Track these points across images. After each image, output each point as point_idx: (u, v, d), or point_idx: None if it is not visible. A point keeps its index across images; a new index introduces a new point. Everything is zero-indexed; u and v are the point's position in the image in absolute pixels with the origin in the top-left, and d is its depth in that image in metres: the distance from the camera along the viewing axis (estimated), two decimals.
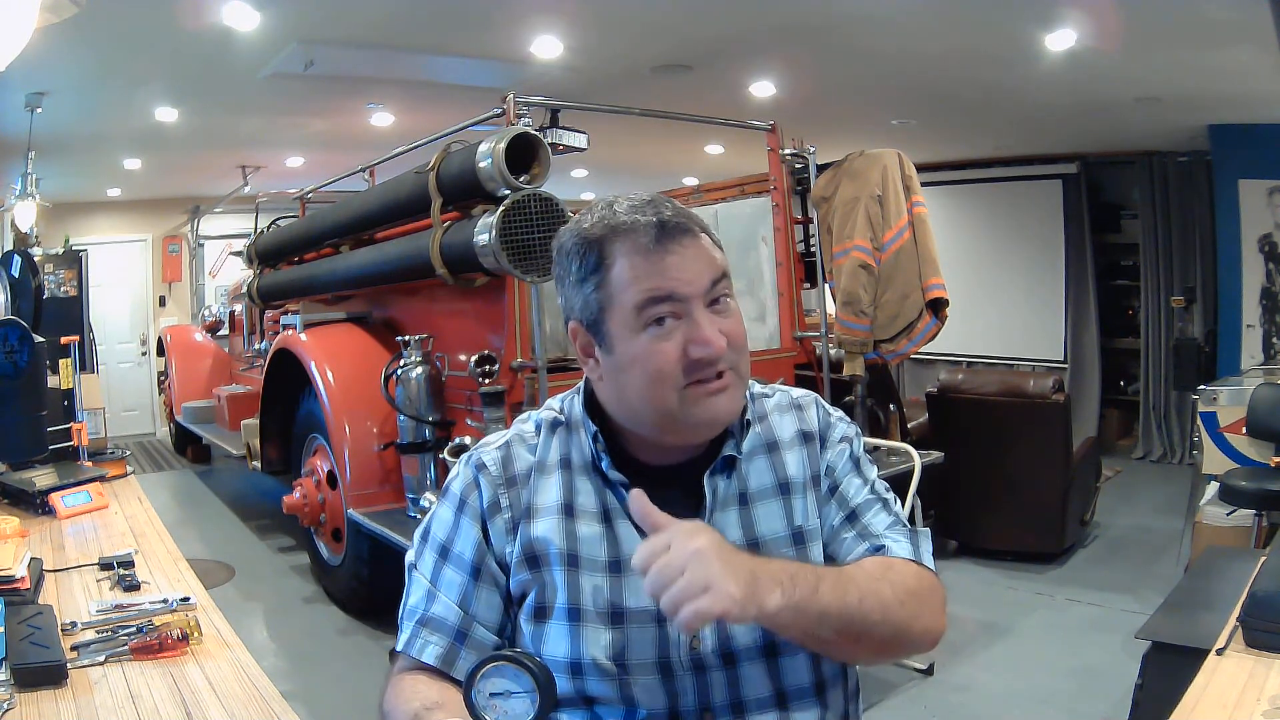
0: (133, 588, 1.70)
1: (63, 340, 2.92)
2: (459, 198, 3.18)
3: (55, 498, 2.27)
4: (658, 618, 0.98)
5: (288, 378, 4.32)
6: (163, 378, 7.84)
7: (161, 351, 7.62)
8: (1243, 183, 5.82)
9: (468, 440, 3.17)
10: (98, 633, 1.48)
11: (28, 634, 1.39)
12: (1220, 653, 1.39)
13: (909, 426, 4.59)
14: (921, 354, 6.15)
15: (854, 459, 1.08)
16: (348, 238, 4.27)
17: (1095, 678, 3.17)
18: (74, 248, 7.06)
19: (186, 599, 1.63)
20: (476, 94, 4.32)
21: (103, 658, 1.39)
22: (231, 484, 6.69)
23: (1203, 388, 4.21)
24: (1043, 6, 3.69)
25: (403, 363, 3.52)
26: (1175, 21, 3.71)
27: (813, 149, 3.98)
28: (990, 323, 7.37)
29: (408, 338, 3.54)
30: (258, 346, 5.76)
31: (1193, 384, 5.00)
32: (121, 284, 9.02)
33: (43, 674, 1.30)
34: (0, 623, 1.40)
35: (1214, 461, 3.97)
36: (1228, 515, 3.76)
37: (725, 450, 1.03)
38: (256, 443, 4.85)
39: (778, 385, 1.14)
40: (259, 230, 5.68)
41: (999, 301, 7.40)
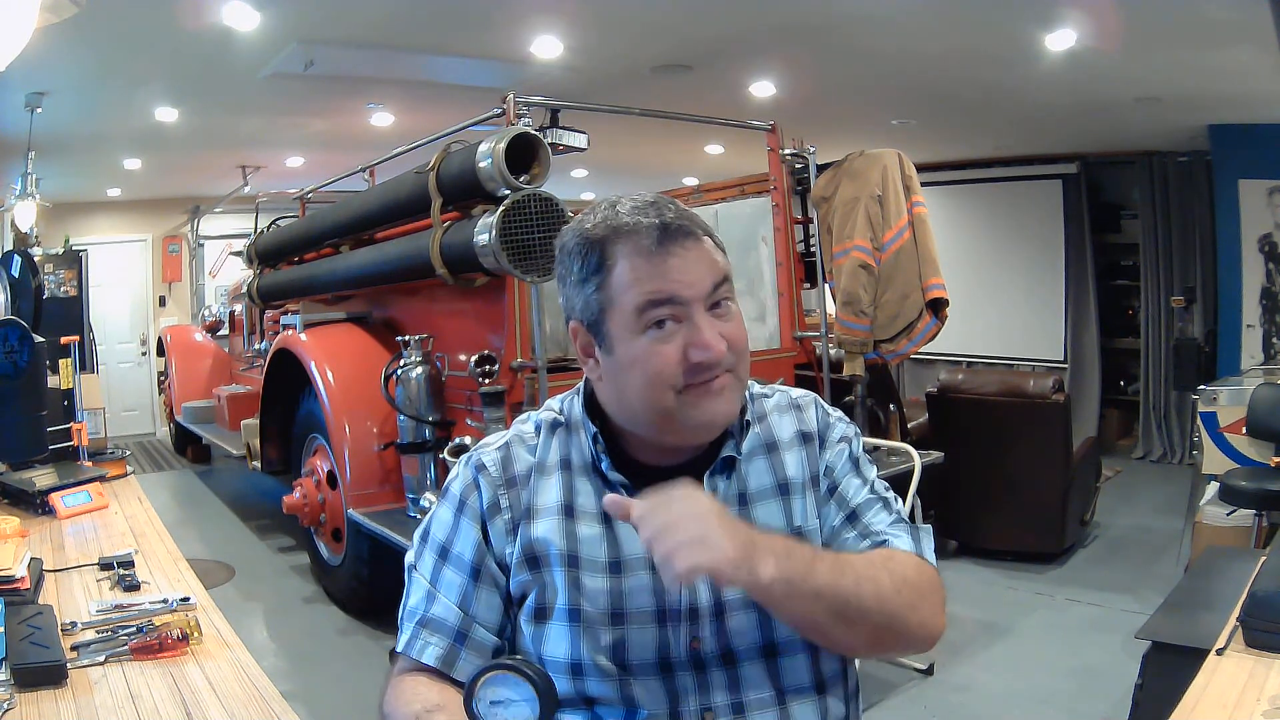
0: (133, 588, 1.70)
1: (63, 340, 2.92)
2: (459, 198, 3.18)
3: (55, 498, 2.27)
4: (658, 618, 0.98)
5: (288, 378, 4.32)
6: (163, 378, 7.84)
7: (161, 351, 7.62)
8: (1243, 183, 5.82)
9: (468, 440, 3.17)
10: (98, 633, 1.48)
11: (28, 634, 1.39)
12: (1220, 653, 1.39)
13: (909, 426, 4.59)
14: (921, 354, 6.15)
15: (853, 459, 1.08)
16: (348, 238, 4.27)
17: (1095, 678, 3.17)
18: (74, 248, 7.07)
19: (186, 599, 1.63)
20: (476, 94, 4.32)
21: (103, 658, 1.39)
22: (231, 484, 6.69)
23: (1203, 388, 4.20)
24: (1043, 6, 3.69)
25: (403, 363, 3.52)
26: (1175, 21, 3.71)
27: (813, 149, 3.98)
28: (990, 323, 7.37)
29: (408, 338, 3.54)
30: (258, 346, 5.76)
31: (1193, 384, 5.00)
32: (121, 284, 9.03)
33: (43, 674, 1.30)
34: (0, 623, 1.40)
35: (1214, 461, 3.97)
36: (1228, 515, 3.76)
37: (725, 451, 1.03)
38: (256, 443, 4.85)
39: (777, 385, 1.14)
40: (259, 230, 5.68)
41: (999, 301, 7.40)
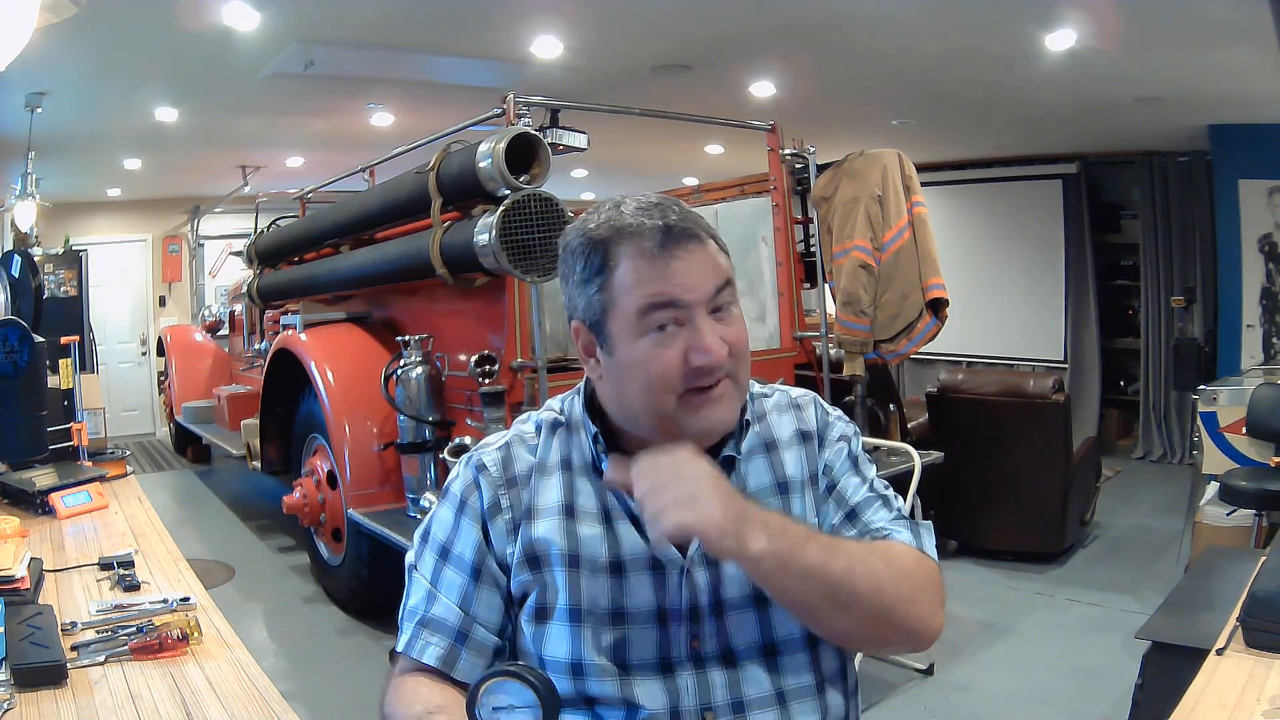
0: (133, 588, 1.70)
1: (63, 340, 2.92)
2: (459, 198, 3.18)
3: (55, 498, 2.27)
4: (658, 618, 0.98)
5: (288, 378, 4.32)
6: (163, 378, 7.84)
7: (161, 351, 7.62)
8: (1243, 183, 5.82)
9: (468, 440, 3.17)
10: (98, 633, 1.48)
11: (28, 634, 1.39)
12: (1220, 653, 1.39)
13: (909, 426, 4.59)
14: (921, 354, 6.14)
15: (852, 458, 1.07)
16: (348, 238, 4.27)
17: (1095, 678, 3.17)
18: (74, 248, 7.07)
19: (186, 599, 1.63)
20: (476, 94, 4.32)
21: (103, 658, 1.39)
22: (231, 484, 6.69)
23: (1203, 388, 4.20)
24: (1043, 6, 3.69)
25: (403, 363, 3.52)
26: (1175, 21, 3.71)
27: (813, 149, 3.97)
28: (990, 323, 7.37)
29: (408, 338, 3.54)
30: (258, 346, 5.76)
31: (1193, 384, 4.99)
32: (121, 284, 9.02)
33: (43, 674, 1.30)
34: (0, 623, 1.40)
35: (1214, 461, 3.97)
36: (1228, 515, 3.76)
37: (724, 451, 1.03)
38: (256, 443, 4.85)
39: (777, 385, 1.14)
40: (259, 230, 5.68)
41: (999, 301, 7.40)
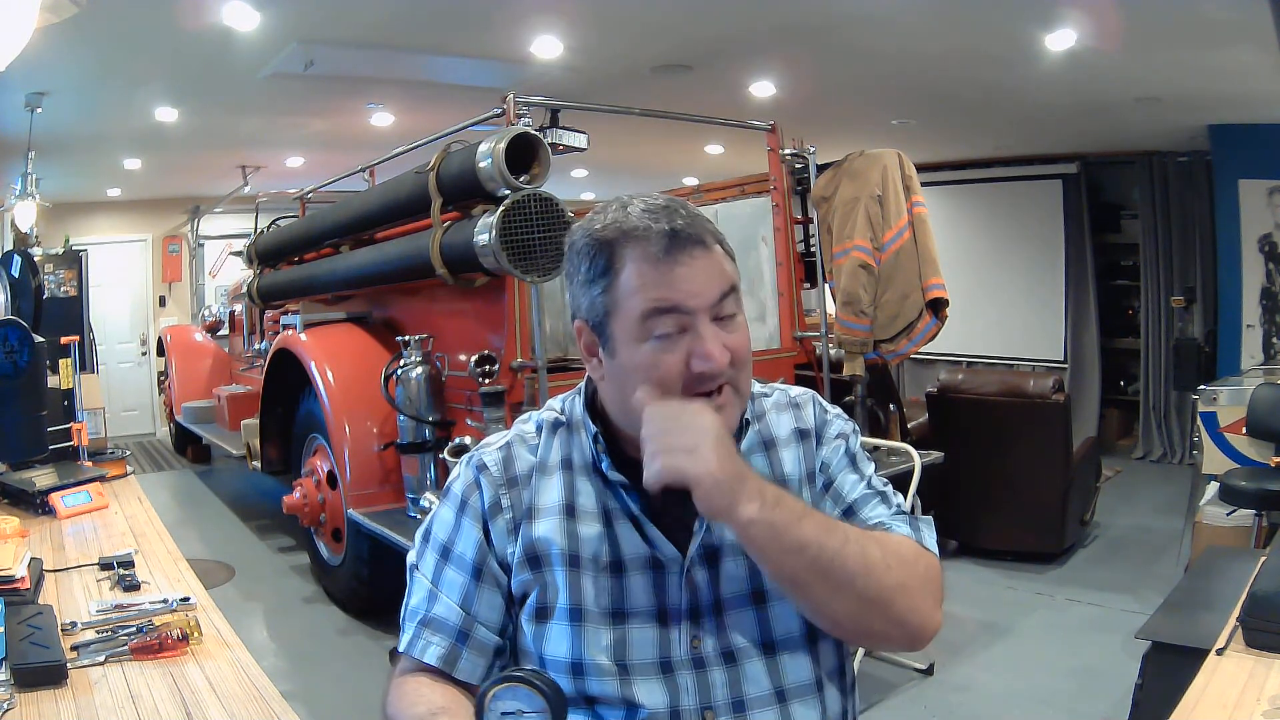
0: (133, 588, 1.70)
1: (63, 340, 2.92)
2: (459, 198, 3.18)
3: (55, 498, 2.27)
4: (658, 617, 0.98)
5: (288, 378, 4.32)
6: (163, 378, 7.84)
7: (161, 351, 7.62)
8: (1243, 183, 5.82)
9: (468, 440, 3.17)
10: (98, 633, 1.48)
11: (28, 634, 1.39)
12: (1220, 653, 1.39)
13: (909, 426, 4.59)
14: (921, 354, 6.15)
15: (850, 455, 1.07)
16: (348, 238, 4.26)
17: (1095, 678, 3.17)
18: (74, 248, 7.08)
19: (186, 599, 1.63)
20: (476, 94, 4.32)
21: (103, 658, 1.39)
22: (231, 484, 6.69)
23: (1203, 388, 4.20)
24: (1043, 6, 3.69)
25: (403, 363, 3.52)
26: (1175, 21, 3.71)
27: (813, 149, 3.97)
28: (990, 323, 7.37)
29: (408, 338, 3.54)
30: (258, 346, 5.76)
31: (1193, 384, 4.99)
32: (121, 284, 9.02)
33: (43, 674, 1.30)
34: (0, 623, 1.40)
35: (1214, 461, 3.97)
36: (1228, 515, 3.76)
37: None
38: (256, 443, 4.85)
39: (776, 384, 1.14)
40: (259, 230, 5.68)
41: (999, 301, 7.40)
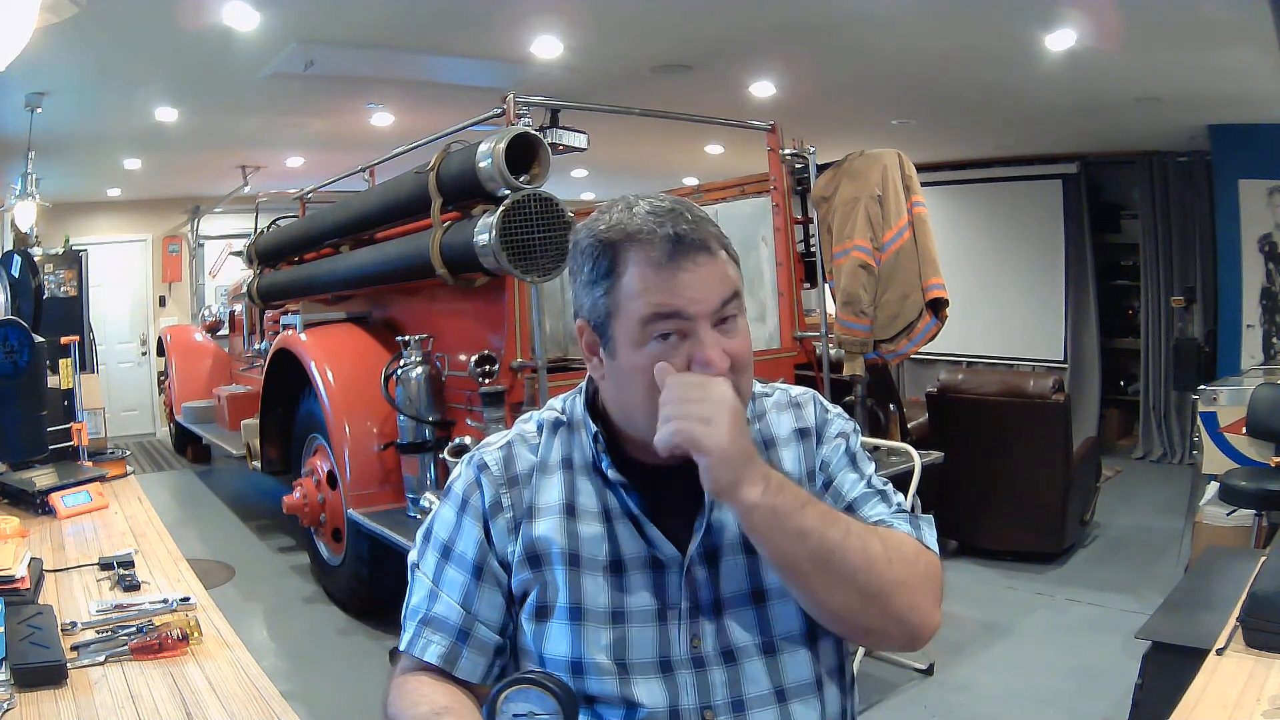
0: (133, 588, 1.70)
1: (63, 340, 2.92)
2: (459, 198, 3.18)
3: (55, 498, 2.27)
4: (658, 617, 0.98)
5: (288, 378, 4.32)
6: (163, 378, 7.84)
7: (161, 351, 7.62)
8: (1243, 183, 5.82)
9: (468, 440, 3.17)
10: (98, 633, 1.48)
11: (28, 634, 1.39)
12: (1220, 653, 1.39)
13: (909, 426, 4.58)
14: (921, 354, 6.14)
15: (850, 454, 1.07)
16: (348, 238, 4.26)
17: (1095, 678, 3.17)
18: (74, 248, 7.08)
19: (186, 599, 1.63)
20: (476, 94, 4.32)
21: (103, 658, 1.39)
22: (231, 484, 6.69)
23: (1203, 388, 4.20)
24: (1043, 6, 3.69)
25: (403, 363, 3.52)
26: (1175, 21, 3.71)
27: (813, 149, 3.97)
28: (990, 323, 7.37)
29: (408, 338, 3.54)
30: (258, 346, 5.76)
31: (1193, 384, 5.00)
32: (121, 284, 9.02)
33: (43, 674, 1.30)
34: (0, 623, 1.40)
35: (1214, 461, 3.97)
36: (1228, 515, 3.76)
37: None
38: (256, 443, 4.84)
39: (777, 384, 1.14)
40: (259, 230, 5.68)
41: (999, 301, 7.40)
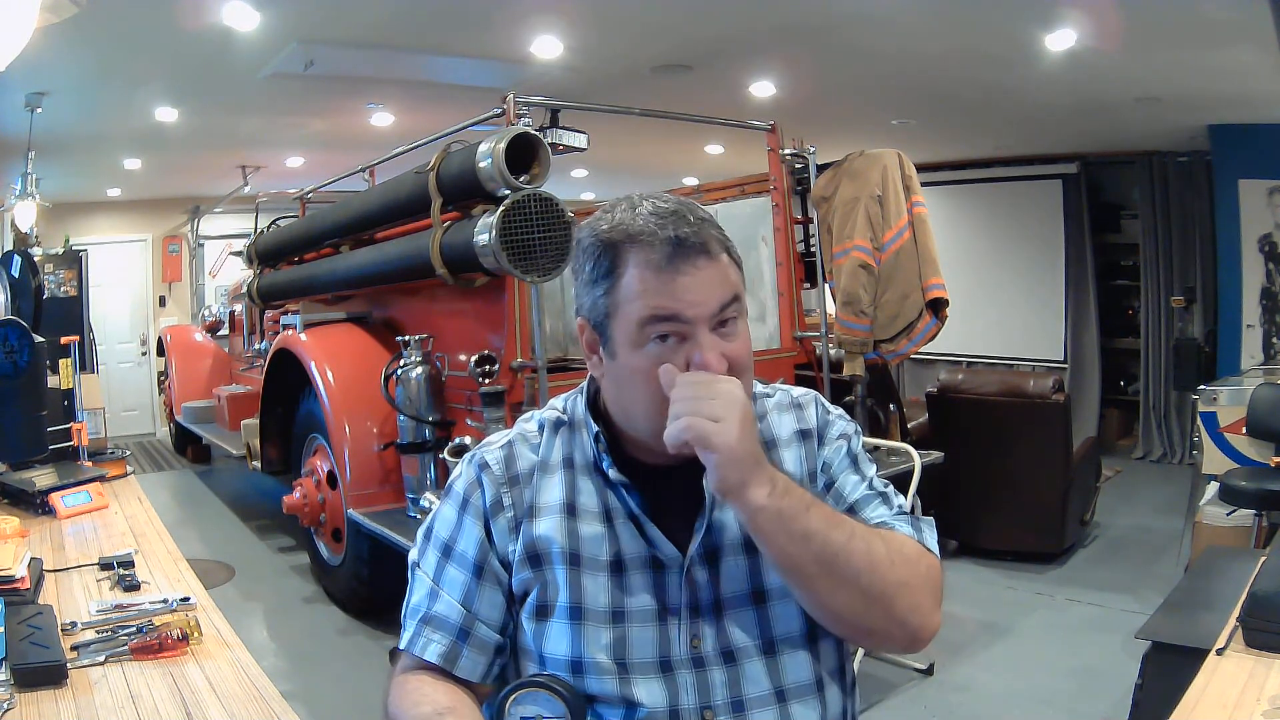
0: (133, 588, 1.70)
1: (63, 340, 2.92)
2: (459, 198, 3.18)
3: (55, 498, 2.27)
4: (658, 617, 0.98)
5: (288, 378, 4.32)
6: (163, 378, 7.84)
7: (161, 351, 7.62)
8: (1243, 183, 5.82)
9: (468, 440, 3.17)
10: (98, 633, 1.48)
11: (28, 634, 1.38)
12: (1220, 653, 1.39)
13: (909, 426, 4.58)
14: (921, 354, 6.14)
15: (851, 455, 1.07)
16: (348, 238, 4.26)
17: (1095, 678, 3.17)
18: (74, 248, 7.08)
19: (186, 599, 1.63)
20: (476, 94, 4.32)
21: (103, 658, 1.39)
22: (231, 484, 6.69)
23: (1203, 388, 4.20)
24: (1043, 6, 3.69)
25: (403, 363, 3.52)
26: (1175, 21, 3.71)
27: (813, 149, 3.97)
28: (990, 323, 7.37)
29: (408, 338, 3.54)
30: (258, 346, 5.76)
31: (1193, 384, 5.00)
32: (121, 284, 9.02)
33: (43, 674, 1.30)
34: (0, 623, 1.40)
35: (1214, 461, 3.97)
36: (1228, 515, 3.76)
37: None
38: (256, 443, 4.85)
39: (779, 385, 1.14)
40: (259, 230, 5.68)
41: (999, 301, 7.40)
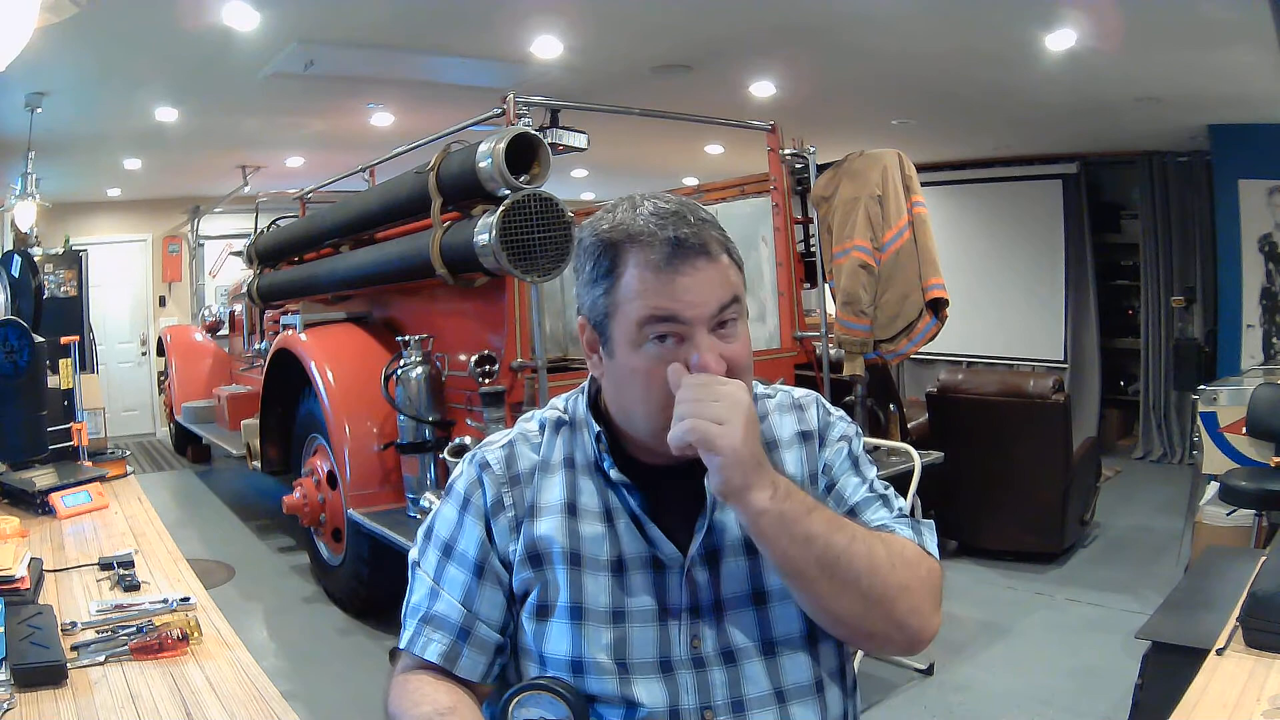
0: (133, 588, 1.70)
1: (63, 340, 2.92)
2: (459, 198, 3.18)
3: (55, 498, 2.27)
4: (659, 617, 0.98)
5: (288, 378, 4.32)
6: (163, 378, 7.84)
7: (161, 351, 7.62)
8: (1243, 183, 5.82)
9: (468, 440, 3.17)
10: (98, 633, 1.48)
11: (28, 634, 1.38)
12: (1220, 653, 1.39)
13: (909, 426, 4.59)
14: (921, 354, 6.14)
15: (852, 457, 1.07)
16: (348, 238, 4.26)
17: (1095, 678, 3.17)
18: (74, 248, 7.08)
19: (186, 599, 1.63)
20: (476, 94, 4.32)
21: (103, 658, 1.39)
22: (231, 484, 6.69)
23: (1203, 388, 4.20)
24: (1043, 6, 3.69)
25: (403, 363, 3.52)
26: (1175, 21, 3.71)
27: (813, 149, 3.97)
28: (990, 323, 7.37)
29: (408, 338, 3.54)
30: (258, 346, 5.76)
31: (1193, 384, 4.99)
32: (121, 284, 9.02)
33: (43, 674, 1.30)
34: (0, 623, 1.40)
35: (1214, 461, 3.97)
36: (1228, 515, 3.76)
37: None
38: (256, 443, 4.84)
39: (779, 385, 1.14)
40: (259, 230, 5.68)
41: (999, 301, 7.40)
